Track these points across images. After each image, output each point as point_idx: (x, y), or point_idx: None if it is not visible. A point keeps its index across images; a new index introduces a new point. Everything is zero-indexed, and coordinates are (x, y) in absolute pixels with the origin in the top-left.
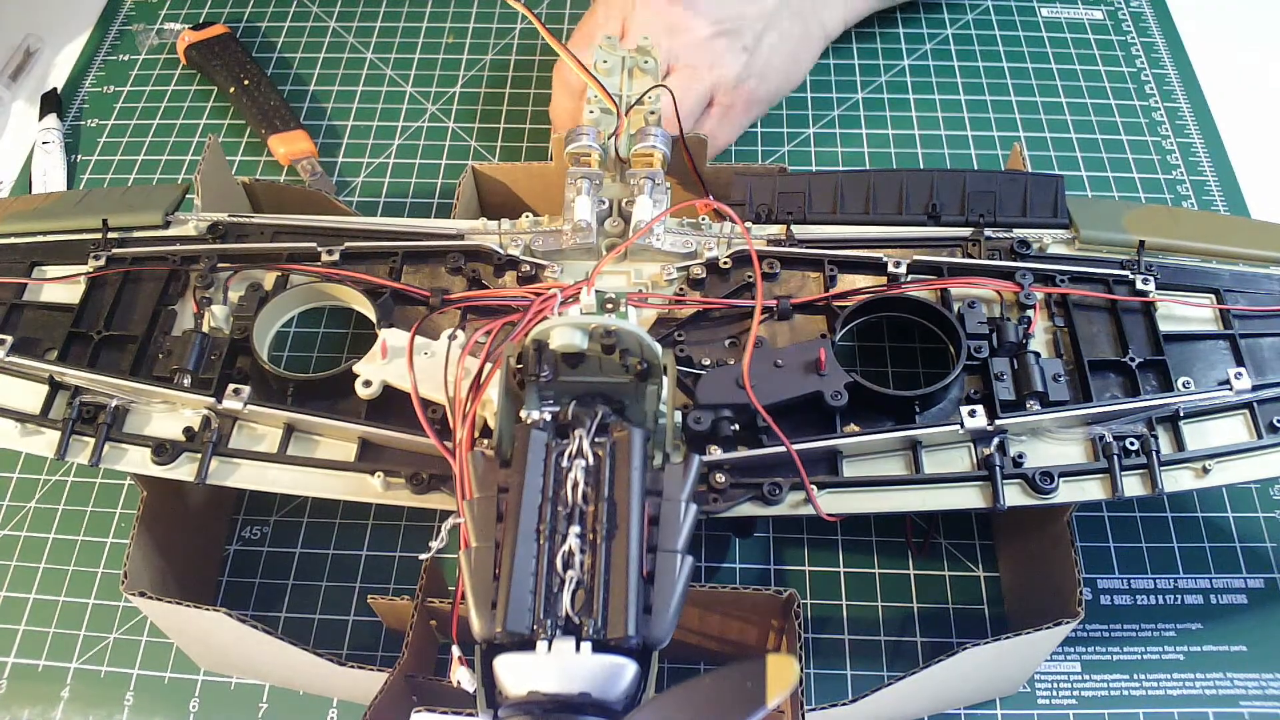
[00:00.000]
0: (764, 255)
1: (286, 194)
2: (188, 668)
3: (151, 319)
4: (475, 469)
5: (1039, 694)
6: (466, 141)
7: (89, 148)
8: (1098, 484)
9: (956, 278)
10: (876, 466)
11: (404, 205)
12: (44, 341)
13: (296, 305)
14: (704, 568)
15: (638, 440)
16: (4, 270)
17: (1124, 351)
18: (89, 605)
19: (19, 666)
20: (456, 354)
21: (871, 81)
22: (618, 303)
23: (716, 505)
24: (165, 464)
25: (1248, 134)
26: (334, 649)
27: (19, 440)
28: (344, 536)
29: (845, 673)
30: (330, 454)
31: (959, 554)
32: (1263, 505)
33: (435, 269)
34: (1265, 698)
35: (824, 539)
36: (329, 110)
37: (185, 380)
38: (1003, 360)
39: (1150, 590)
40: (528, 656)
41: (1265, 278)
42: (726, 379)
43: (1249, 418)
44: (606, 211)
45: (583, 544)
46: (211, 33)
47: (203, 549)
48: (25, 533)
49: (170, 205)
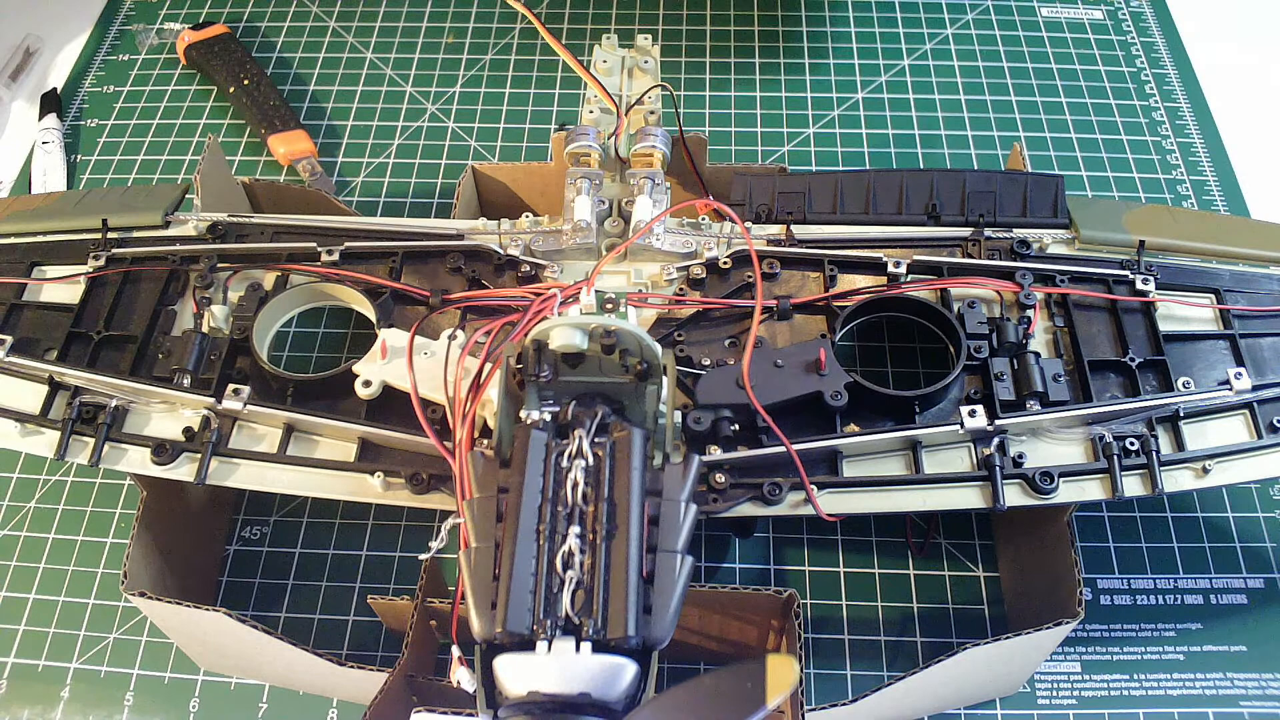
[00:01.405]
0: (764, 255)
1: (286, 194)
2: (188, 668)
3: (151, 319)
4: (475, 469)
5: (1039, 694)
6: (466, 141)
7: (89, 147)
8: (1098, 484)
9: (956, 278)
10: (876, 466)
11: (404, 205)
12: (44, 341)
13: (296, 305)
14: (704, 568)
15: (638, 440)
16: (4, 270)
17: (1124, 351)
18: (89, 605)
19: (19, 666)
20: (456, 354)
21: (871, 81)
22: (618, 303)
23: (716, 505)
24: (165, 464)
25: (1248, 134)
26: (334, 649)
27: (19, 440)
28: (344, 537)
29: (845, 673)
30: (330, 454)
31: (959, 554)
32: (1263, 505)
33: (435, 269)
34: (1265, 697)
35: (824, 539)
36: (329, 110)
37: (185, 380)
38: (1003, 360)
39: (1150, 590)
40: (527, 657)
41: (1265, 278)
42: (726, 379)
43: (1249, 418)
44: (606, 211)
45: (583, 544)
46: (211, 33)
47: (202, 549)
48: (25, 533)
49: (170, 205)
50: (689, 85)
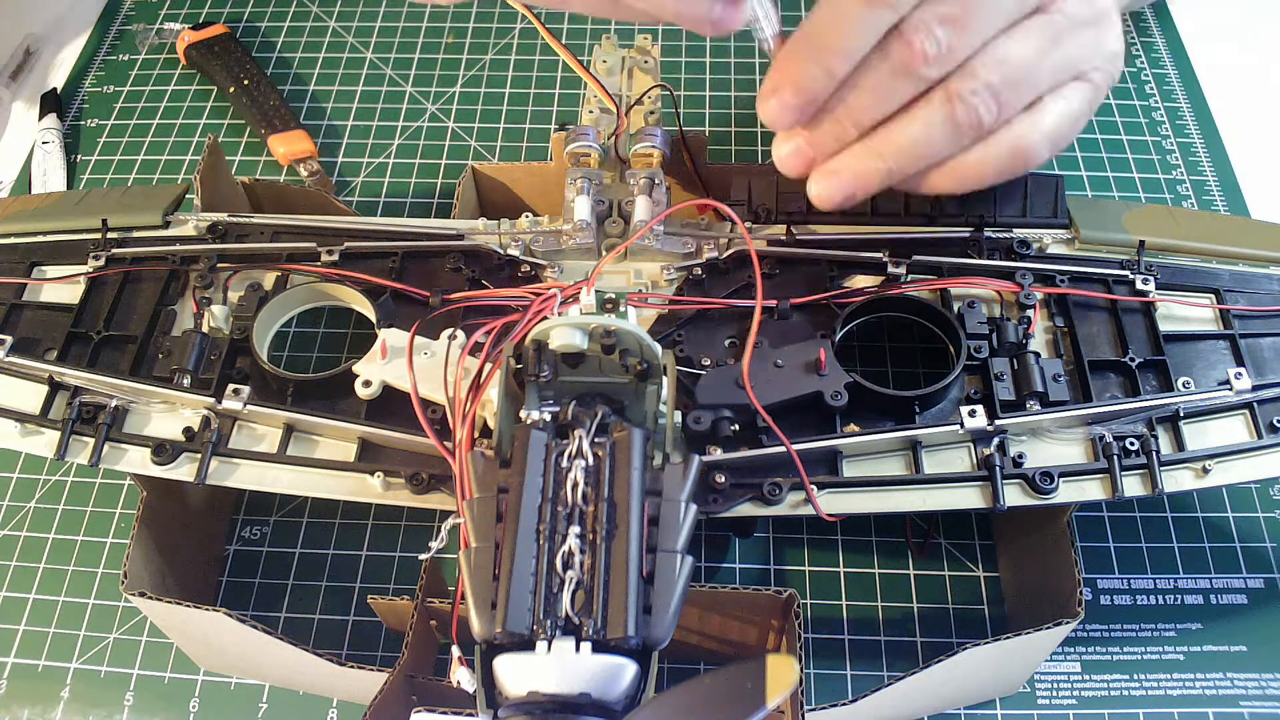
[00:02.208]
0: (764, 255)
1: (286, 194)
2: (188, 668)
3: (151, 319)
4: (475, 469)
5: (1039, 694)
6: (466, 141)
7: (89, 148)
8: (1098, 484)
9: (956, 278)
10: (876, 466)
11: (404, 205)
12: (44, 341)
13: (296, 305)
14: (704, 568)
15: (638, 440)
16: (4, 270)
17: (1124, 351)
18: (89, 605)
19: (19, 666)
20: (456, 354)
21: None
22: (618, 303)
23: (716, 505)
24: (165, 464)
25: (1248, 134)
26: (334, 649)
27: (19, 440)
28: (344, 536)
29: (845, 673)
30: (330, 454)
31: (959, 554)
32: (1263, 505)
33: (435, 269)
34: (1265, 698)
35: (824, 539)
36: (329, 110)
37: (185, 380)
38: (1002, 360)
39: (1150, 590)
40: (527, 657)
41: (1265, 278)
42: (726, 379)
43: (1249, 418)
44: (606, 211)
45: (582, 544)
46: (211, 32)
47: (202, 549)
48: (25, 533)
49: (170, 205)
50: (689, 85)
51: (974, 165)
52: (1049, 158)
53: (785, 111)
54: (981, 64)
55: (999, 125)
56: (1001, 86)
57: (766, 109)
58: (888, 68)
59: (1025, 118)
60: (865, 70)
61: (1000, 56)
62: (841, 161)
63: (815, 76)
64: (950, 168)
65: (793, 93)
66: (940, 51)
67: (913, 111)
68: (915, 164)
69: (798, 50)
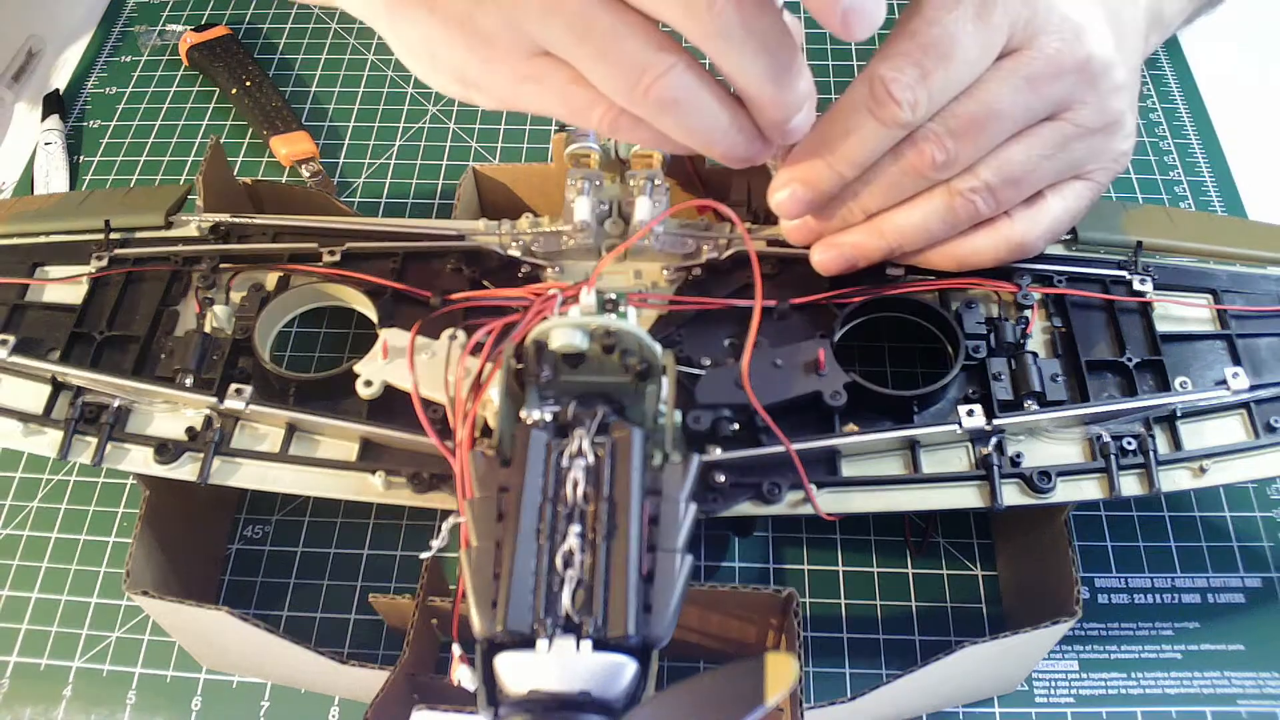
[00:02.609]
0: (764, 255)
1: (288, 195)
2: (190, 666)
3: (154, 319)
4: (475, 469)
5: (1037, 692)
6: (467, 142)
7: (91, 149)
8: (1095, 483)
9: (954, 278)
10: (875, 466)
11: (405, 206)
12: (46, 342)
13: (298, 305)
14: (704, 567)
15: (638, 440)
16: (6, 271)
17: (1121, 352)
18: (91, 604)
19: (21, 665)
20: (457, 354)
21: None
22: (618, 303)
23: (716, 505)
24: (167, 464)
25: (1245, 135)
26: (335, 647)
27: (22, 440)
28: (345, 535)
29: (844, 671)
30: (332, 454)
31: (957, 553)
32: (1260, 505)
33: (436, 269)
34: (1263, 696)
35: (823, 538)
36: (330, 111)
37: (187, 380)
38: (1000, 360)
39: (1148, 589)
40: (528, 655)
41: (1262, 278)
42: (726, 379)
43: (1246, 417)
44: (606, 212)
45: (583, 543)
46: (213, 34)
47: (205, 548)
48: (28, 532)
49: (172, 206)
50: None
51: (971, 251)
52: (1045, 249)
53: (796, 205)
54: (984, 164)
55: (998, 215)
56: (1001, 186)
57: (778, 202)
58: (897, 169)
59: (1025, 213)
60: (876, 168)
61: (1004, 158)
62: (846, 237)
63: (827, 179)
64: (948, 250)
65: (804, 190)
66: (949, 159)
67: (915, 200)
68: (914, 245)
69: (812, 151)
